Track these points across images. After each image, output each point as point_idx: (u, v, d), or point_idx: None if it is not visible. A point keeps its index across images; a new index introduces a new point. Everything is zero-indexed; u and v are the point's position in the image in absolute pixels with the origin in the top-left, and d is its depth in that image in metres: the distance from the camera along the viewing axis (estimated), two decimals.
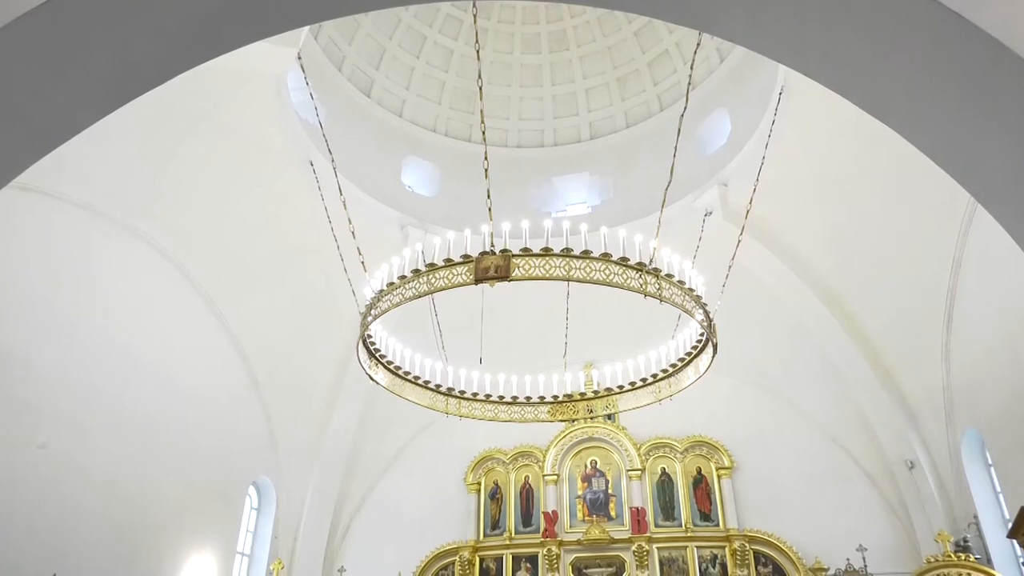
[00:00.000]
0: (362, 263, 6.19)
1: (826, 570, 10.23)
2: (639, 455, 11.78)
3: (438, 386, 6.80)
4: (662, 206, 6.75)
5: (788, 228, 10.73)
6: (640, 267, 4.81)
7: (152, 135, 8.53)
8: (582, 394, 7.07)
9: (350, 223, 6.94)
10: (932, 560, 8.95)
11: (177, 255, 9.91)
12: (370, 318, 5.46)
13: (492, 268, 4.62)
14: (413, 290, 4.98)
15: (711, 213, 10.81)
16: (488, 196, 5.49)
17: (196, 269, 10.22)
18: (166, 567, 9.68)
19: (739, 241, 7.74)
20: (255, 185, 10.00)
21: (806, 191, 10.12)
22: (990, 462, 9.72)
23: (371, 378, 6.40)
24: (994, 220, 3.57)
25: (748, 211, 7.54)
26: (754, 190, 7.23)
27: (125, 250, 9.12)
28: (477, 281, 4.65)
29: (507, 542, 11.61)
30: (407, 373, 6.60)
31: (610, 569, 10.95)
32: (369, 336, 6.08)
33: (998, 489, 9.60)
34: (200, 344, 10.55)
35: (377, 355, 6.32)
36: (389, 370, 6.48)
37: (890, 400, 11.00)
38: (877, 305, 10.59)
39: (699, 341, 6.17)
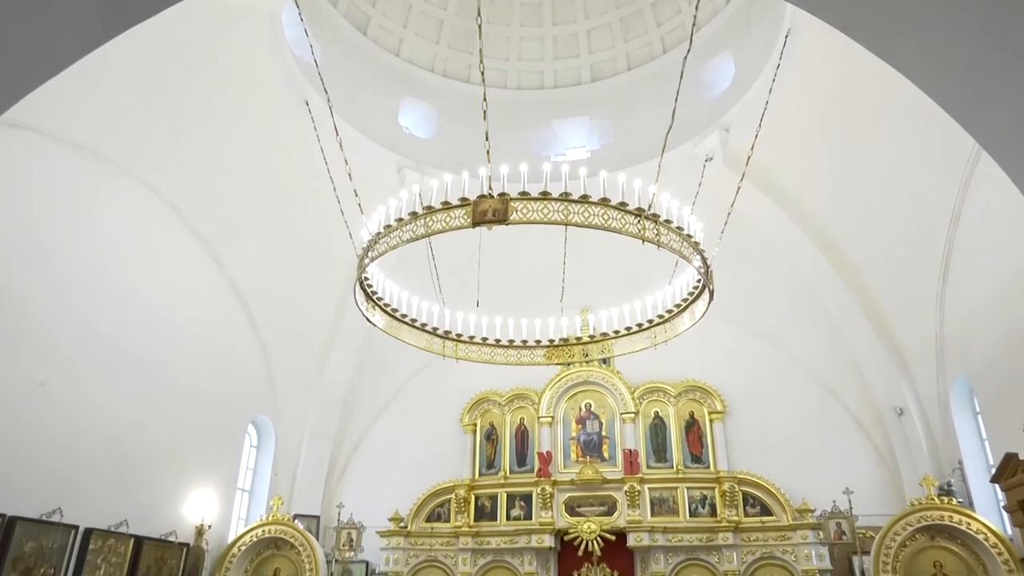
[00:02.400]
0: (359, 205, 6.14)
1: (812, 511, 10.51)
2: (633, 398, 11.96)
3: (435, 329, 6.83)
4: (662, 151, 6.67)
5: (788, 175, 10.65)
6: (639, 212, 4.77)
7: (144, 74, 8.34)
8: (578, 338, 7.12)
9: (347, 164, 6.86)
10: (916, 503, 9.19)
11: (172, 197, 9.82)
12: (367, 260, 5.44)
13: (490, 211, 4.59)
14: (410, 233, 4.95)
15: (711, 159, 10.71)
16: (487, 138, 5.41)
17: (192, 211, 10.14)
18: (169, 502, 9.90)
19: (739, 188, 7.67)
20: (250, 125, 9.84)
21: (808, 138, 10.00)
22: (978, 410, 9.89)
23: (368, 320, 6.43)
24: (995, 171, 3.54)
25: (749, 157, 7.46)
26: (756, 136, 7.14)
27: (119, 190, 9.02)
28: (475, 224, 4.62)
29: (502, 481, 11.88)
30: (404, 315, 6.63)
31: (602, 508, 11.23)
32: (366, 278, 6.08)
33: (984, 436, 9.79)
34: (197, 286, 10.56)
35: (374, 297, 6.33)
36: (386, 312, 6.50)
37: (883, 348, 11.12)
38: (875, 254, 10.60)
39: (696, 287, 6.18)
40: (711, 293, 5.92)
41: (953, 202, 8.81)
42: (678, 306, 6.40)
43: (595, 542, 10.82)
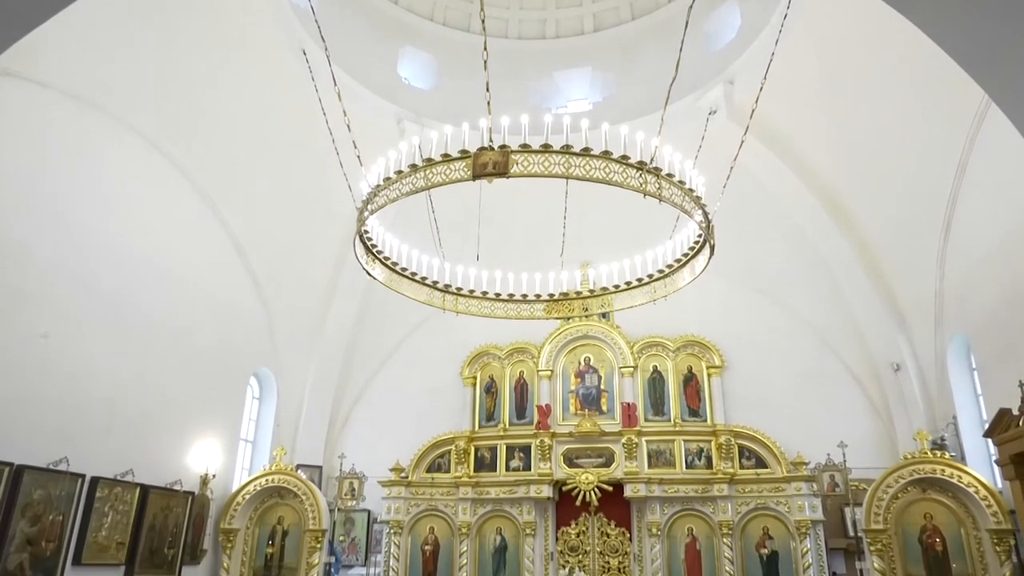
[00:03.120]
0: (358, 157, 6.07)
1: (807, 464, 10.68)
2: (632, 353, 12.04)
3: (435, 282, 6.83)
4: (665, 103, 6.57)
5: (792, 129, 10.53)
6: (640, 166, 4.72)
7: (140, 24, 8.17)
8: (578, 293, 7.12)
9: (345, 116, 6.76)
10: (909, 457, 9.33)
11: (170, 149, 9.73)
12: (366, 213, 5.41)
13: (490, 164, 4.54)
14: (410, 185, 4.90)
15: (715, 112, 10.57)
16: (487, 89, 5.33)
17: (190, 163, 10.05)
18: (174, 452, 10.05)
19: (742, 141, 7.58)
20: (247, 76, 9.68)
21: (813, 91, 9.85)
22: (974, 366, 9.96)
23: (368, 273, 6.42)
24: (1003, 126, 3.49)
25: (753, 110, 7.34)
26: (761, 88, 7.01)
27: (117, 142, 8.93)
28: (475, 177, 4.58)
29: (501, 433, 12.04)
30: (404, 269, 6.62)
31: (600, 460, 11.42)
32: (366, 231, 6.05)
33: (979, 392, 9.88)
34: (197, 238, 10.54)
35: (374, 251, 6.31)
36: (386, 266, 6.49)
37: (882, 305, 11.15)
38: (877, 210, 10.54)
39: (696, 242, 6.16)
40: (712, 248, 5.90)
41: (959, 157, 8.71)
42: (678, 261, 6.39)
43: (593, 493, 11.02)
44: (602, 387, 12.08)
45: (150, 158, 9.49)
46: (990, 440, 7.78)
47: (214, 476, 10.69)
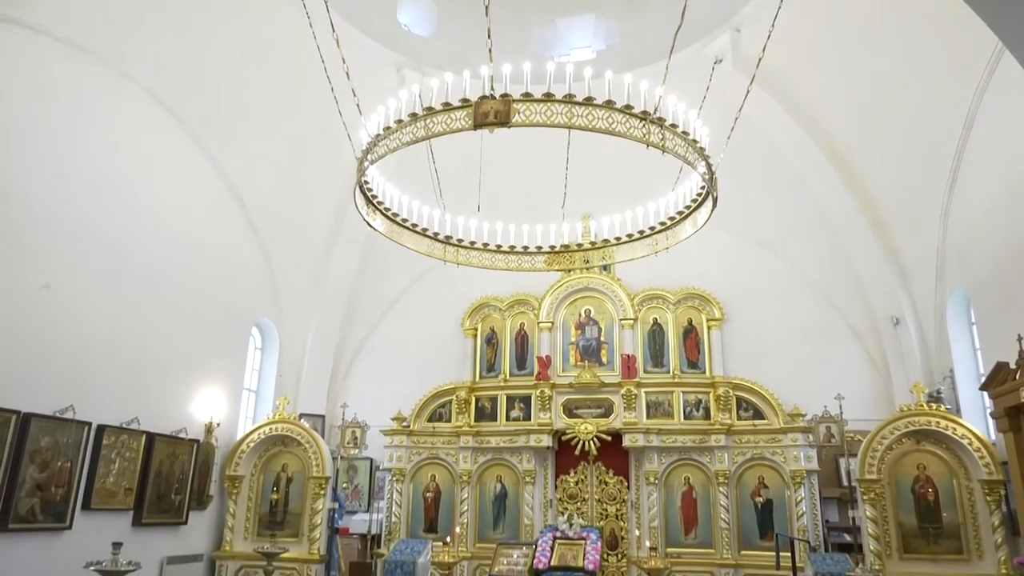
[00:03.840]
0: (357, 106, 5.98)
1: (803, 416, 10.82)
2: (632, 305, 12.08)
3: (436, 234, 6.81)
4: (670, 52, 6.42)
5: (799, 79, 10.34)
6: (644, 116, 4.65)
7: None
8: (579, 245, 7.10)
9: (344, 63, 6.63)
10: (905, 409, 9.43)
11: (168, 98, 9.58)
12: (366, 163, 5.36)
13: (492, 113, 4.47)
14: (410, 135, 4.84)
15: (720, 61, 10.36)
16: (488, 36, 5.21)
17: (188, 113, 9.92)
18: (178, 401, 10.17)
19: (748, 91, 7.44)
20: (244, 23, 9.45)
21: (822, 41, 9.63)
22: (973, 320, 9.99)
23: (369, 224, 6.39)
24: (1014, 78, 3.42)
25: (760, 59, 7.18)
26: (768, 36, 6.85)
27: (114, 89, 8.79)
28: (476, 126, 4.51)
29: (502, 383, 12.16)
30: (405, 220, 6.59)
31: (599, 410, 11.56)
32: (366, 181, 6.01)
33: (977, 346, 9.93)
34: (196, 189, 10.48)
35: (374, 201, 6.27)
36: (387, 216, 6.46)
37: (884, 259, 11.13)
38: (882, 163, 10.43)
39: (699, 194, 6.11)
40: (714, 200, 5.86)
41: (967, 110, 8.58)
42: (680, 213, 6.35)
43: (591, 442, 11.19)
44: (602, 339, 12.15)
45: (147, 106, 9.36)
46: (986, 393, 7.86)
47: (218, 425, 10.84)
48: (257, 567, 10.01)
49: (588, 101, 4.53)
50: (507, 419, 11.88)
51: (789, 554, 9.29)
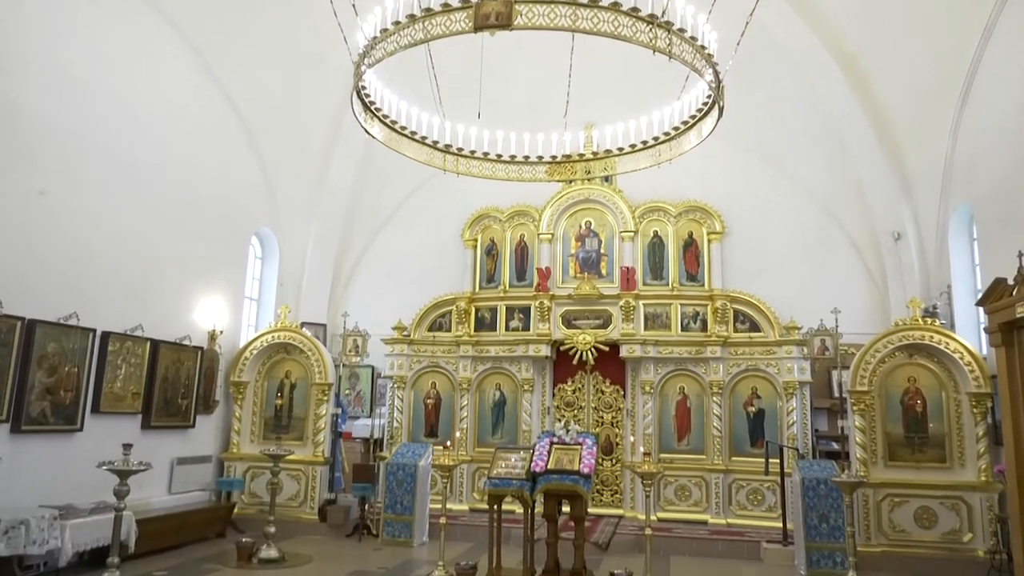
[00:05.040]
0: (353, 7, 5.74)
1: (799, 328, 10.95)
2: (633, 217, 12.01)
3: (435, 142, 6.68)
4: None
5: None
6: (651, 19, 4.47)
7: None
8: (581, 155, 6.98)
9: None
10: (900, 323, 9.53)
11: (162, 4, 9.27)
12: (363, 67, 5.19)
13: (493, 15, 4.29)
14: (408, 37, 4.66)
15: None
16: None
17: (184, 20, 9.61)
18: (181, 309, 10.27)
19: None
20: None
21: None
22: (975, 237, 9.96)
23: (367, 132, 6.26)
24: None
25: None
26: None
27: None
28: (476, 29, 4.34)
29: (502, 294, 12.25)
30: (403, 128, 6.45)
31: (597, 321, 11.69)
32: (363, 87, 5.84)
33: (977, 263, 9.94)
34: (192, 96, 10.23)
35: (372, 108, 6.12)
36: (385, 124, 6.32)
37: (890, 172, 10.98)
38: (895, 73, 10.12)
39: (705, 104, 5.96)
40: (721, 110, 5.71)
41: (987, 19, 8.26)
42: (685, 123, 6.21)
43: (589, 352, 11.38)
44: (602, 251, 12.15)
45: (143, 13, 9.07)
46: (981, 309, 7.92)
47: (221, 332, 10.99)
48: (264, 468, 10.36)
49: (593, 3, 4.34)
50: (506, 329, 12.03)
51: (778, 460, 9.64)
